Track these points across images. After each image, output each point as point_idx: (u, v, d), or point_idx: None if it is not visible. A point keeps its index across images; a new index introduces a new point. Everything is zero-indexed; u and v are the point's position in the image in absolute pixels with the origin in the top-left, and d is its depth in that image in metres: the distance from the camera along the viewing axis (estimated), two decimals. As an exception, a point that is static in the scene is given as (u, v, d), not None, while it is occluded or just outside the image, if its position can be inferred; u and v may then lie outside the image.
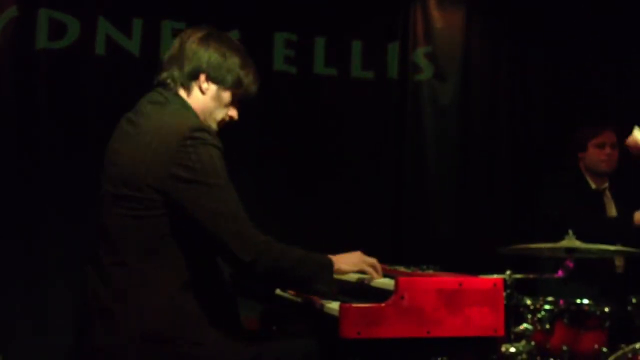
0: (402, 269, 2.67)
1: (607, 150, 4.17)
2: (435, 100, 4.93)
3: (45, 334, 4.10)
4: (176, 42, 2.42)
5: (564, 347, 3.33)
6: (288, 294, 2.68)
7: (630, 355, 3.08)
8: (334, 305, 2.26)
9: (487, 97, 5.01)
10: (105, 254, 2.24)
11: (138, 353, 2.14)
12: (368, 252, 2.47)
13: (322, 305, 2.36)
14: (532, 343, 3.28)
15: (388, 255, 2.92)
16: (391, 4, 4.92)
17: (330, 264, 2.31)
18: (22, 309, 4.12)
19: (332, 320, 2.21)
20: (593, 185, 4.22)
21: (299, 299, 2.63)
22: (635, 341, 3.16)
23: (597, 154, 4.19)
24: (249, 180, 4.46)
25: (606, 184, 4.24)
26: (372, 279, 2.43)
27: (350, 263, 2.37)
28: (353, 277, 2.49)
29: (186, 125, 2.22)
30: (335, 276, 2.34)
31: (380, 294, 2.26)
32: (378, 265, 2.43)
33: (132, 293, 2.17)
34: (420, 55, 4.93)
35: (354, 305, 2.18)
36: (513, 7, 5.04)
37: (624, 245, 3.62)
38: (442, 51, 4.95)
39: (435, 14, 4.95)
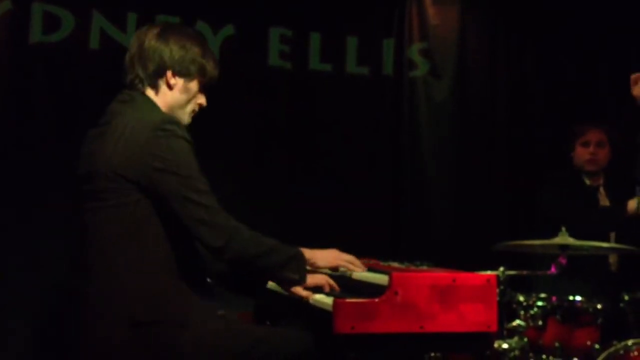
0: (396, 264, 2.68)
1: (591, 149, 4.17)
2: (431, 96, 4.92)
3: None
4: (134, 42, 2.45)
5: (557, 344, 3.35)
6: (280, 289, 2.68)
7: (622, 352, 3.09)
8: (327, 300, 2.27)
9: (482, 93, 5.01)
10: (86, 246, 2.29)
11: (127, 338, 2.17)
12: (364, 249, 2.49)
13: (316, 301, 2.37)
14: (525, 339, 3.29)
15: (385, 252, 2.93)
16: (387, 0, 4.91)
17: (300, 255, 2.37)
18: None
19: (326, 315, 2.22)
20: (587, 182, 4.23)
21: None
22: (628, 338, 3.17)
23: (582, 153, 4.20)
24: (244, 176, 4.45)
25: (600, 181, 4.25)
26: (352, 272, 2.48)
27: (325, 259, 2.44)
28: (326, 270, 2.51)
29: (156, 118, 2.30)
30: (309, 269, 2.41)
31: (374, 290, 2.27)
32: (356, 260, 2.48)
33: (115, 279, 2.22)
34: (415, 51, 4.92)
35: (348, 300, 2.19)
36: (508, 3, 5.04)
37: (617, 235, 3.63)
38: (437, 48, 4.94)
39: (431, 10, 4.94)
